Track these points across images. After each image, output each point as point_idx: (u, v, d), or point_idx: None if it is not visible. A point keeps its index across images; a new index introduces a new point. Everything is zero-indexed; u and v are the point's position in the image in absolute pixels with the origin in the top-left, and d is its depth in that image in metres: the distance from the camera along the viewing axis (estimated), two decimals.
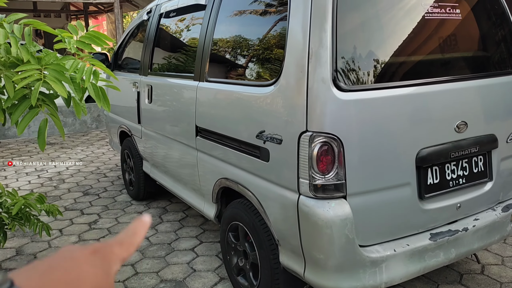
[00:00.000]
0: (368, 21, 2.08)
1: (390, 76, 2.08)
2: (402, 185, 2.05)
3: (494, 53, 2.53)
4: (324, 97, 1.86)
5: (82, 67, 1.46)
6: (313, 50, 1.89)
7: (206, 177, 2.84)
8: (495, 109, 2.35)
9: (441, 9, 2.21)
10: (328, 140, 1.86)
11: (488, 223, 2.30)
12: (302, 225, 1.98)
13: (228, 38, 2.67)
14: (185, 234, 3.55)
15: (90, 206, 4.25)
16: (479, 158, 2.28)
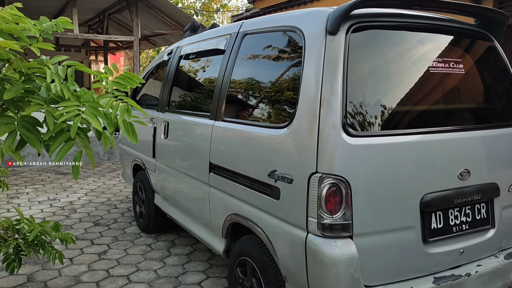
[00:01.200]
0: (376, 72, 2.24)
1: (396, 123, 2.21)
2: (406, 228, 2.13)
3: (497, 105, 2.66)
4: (334, 141, 1.99)
5: (117, 105, 1.61)
6: (325, 97, 2.04)
7: (217, 212, 2.94)
8: (497, 159, 2.45)
9: (445, 63, 2.36)
10: (336, 181, 1.98)
11: (491, 269, 2.35)
12: (309, 263, 2.06)
13: (244, 81, 2.84)
14: (192, 268, 3.61)
15: (100, 237, 4.34)
16: (481, 206, 2.37)
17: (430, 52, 2.37)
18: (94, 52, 17.39)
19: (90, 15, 13.09)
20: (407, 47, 2.36)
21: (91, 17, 13.42)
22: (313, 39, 2.18)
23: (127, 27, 13.08)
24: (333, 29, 2.08)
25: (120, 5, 11.25)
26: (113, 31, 13.67)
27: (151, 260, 3.76)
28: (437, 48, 2.43)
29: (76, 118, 1.50)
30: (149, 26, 12.20)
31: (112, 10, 11.99)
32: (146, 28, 12.18)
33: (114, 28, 13.78)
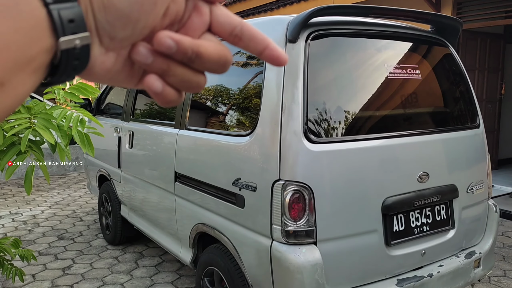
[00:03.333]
0: (337, 79, 2.27)
1: (357, 129, 2.25)
2: (369, 232, 2.16)
3: (454, 109, 2.75)
4: (296, 148, 2.00)
5: (70, 116, 1.57)
6: (286, 104, 2.05)
7: (183, 222, 2.90)
8: (455, 161, 2.53)
9: (404, 69, 2.43)
10: (299, 188, 1.99)
11: (452, 269, 2.41)
12: (274, 270, 2.06)
13: (208, 89, 2.82)
14: (161, 280, 3.54)
15: (64, 251, 4.20)
16: (441, 207, 2.43)
17: (389, 59, 2.43)
18: None
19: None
20: (367, 54, 2.41)
21: None
22: None
23: None
24: (293, 37, 2.10)
25: None
26: None
27: (118, 273, 3.67)
28: (396, 54, 2.49)
29: (27, 130, 1.45)
30: None
31: None
32: None
33: None
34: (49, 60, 0.33)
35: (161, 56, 0.37)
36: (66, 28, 0.32)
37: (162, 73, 0.37)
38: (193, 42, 0.37)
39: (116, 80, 0.39)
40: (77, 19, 0.33)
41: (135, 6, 0.34)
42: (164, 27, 0.37)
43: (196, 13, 0.39)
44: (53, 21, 0.32)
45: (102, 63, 0.36)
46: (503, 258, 3.93)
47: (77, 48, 0.33)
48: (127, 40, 0.36)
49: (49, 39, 0.32)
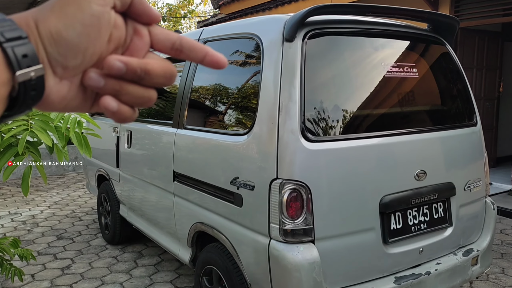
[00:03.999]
0: (334, 77, 2.28)
1: (355, 128, 2.25)
2: (367, 230, 2.17)
3: (451, 107, 2.76)
4: (293, 147, 2.01)
5: (67, 118, 1.57)
6: (283, 103, 2.05)
7: (182, 221, 2.91)
8: (452, 159, 2.54)
9: (401, 68, 2.43)
10: (297, 187, 1.99)
11: (450, 267, 2.42)
12: (272, 269, 2.07)
13: (206, 89, 2.83)
14: (160, 279, 3.55)
15: (63, 251, 4.21)
16: (438, 205, 2.44)
17: (386, 57, 2.43)
18: None
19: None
20: (364, 52, 2.41)
21: None
22: (271, 46, 2.20)
23: None
24: (290, 36, 2.11)
25: None
26: None
27: (117, 273, 3.67)
28: (393, 53, 2.50)
29: (25, 132, 1.46)
30: None
31: None
32: None
33: None
34: (7, 93, 0.36)
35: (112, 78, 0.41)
36: (21, 63, 0.36)
37: (115, 93, 0.41)
38: (140, 61, 0.41)
39: (72, 106, 0.42)
40: (30, 54, 0.36)
41: (82, 36, 0.38)
42: (110, 52, 0.41)
43: (137, 36, 0.43)
44: (8, 58, 0.35)
45: (58, 91, 0.39)
46: (501, 256, 3.94)
47: (32, 80, 0.36)
48: (78, 68, 0.40)
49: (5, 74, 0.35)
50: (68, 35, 0.38)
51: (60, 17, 0.38)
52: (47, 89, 0.38)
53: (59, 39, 0.37)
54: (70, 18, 0.38)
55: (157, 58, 0.43)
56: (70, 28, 0.38)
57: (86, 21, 0.38)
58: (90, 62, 0.40)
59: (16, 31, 0.36)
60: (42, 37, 0.37)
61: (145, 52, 0.43)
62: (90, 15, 0.38)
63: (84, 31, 0.38)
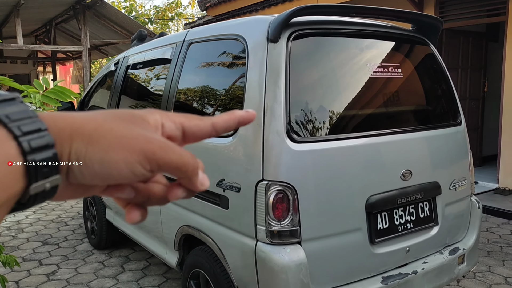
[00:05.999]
0: (319, 78, 2.27)
1: (340, 128, 2.25)
2: (353, 230, 2.17)
3: (436, 107, 2.77)
4: (279, 148, 2.00)
5: None
6: (268, 104, 2.04)
7: (168, 224, 2.88)
8: (437, 159, 2.55)
9: (386, 68, 2.44)
10: (283, 188, 1.98)
11: (437, 266, 2.43)
12: (259, 271, 2.05)
13: (191, 90, 2.81)
14: (147, 284, 3.51)
15: (49, 256, 4.14)
16: (424, 204, 2.45)
17: (371, 58, 2.44)
18: (42, 63, 16.73)
19: (36, 26, 12.60)
20: (349, 53, 2.41)
21: (37, 27, 12.91)
22: (255, 47, 2.19)
23: (76, 36, 12.69)
24: (274, 36, 2.10)
25: (67, 14, 10.90)
26: (62, 41, 13.22)
27: (103, 278, 3.62)
28: (378, 54, 2.50)
29: None
30: (99, 35, 11.89)
31: (59, 19, 11.60)
32: (96, 37, 11.86)
33: (63, 38, 13.32)
34: (16, 201, 0.34)
35: (142, 190, 0.41)
36: (39, 173, 0.33)
37: (142, 202, 0.41)
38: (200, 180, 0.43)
39: (77, 196, 0.40)
40: (51, 163, 0.34)
41: (115, 172, 0.36)
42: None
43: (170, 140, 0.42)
44: (29, 173, 0.33)
45: (61, 195, 0.38)
46: (488, 254, 3.98)
47: (46, 191, 0.34)
48: (93, 186, 0.39)
49: (20, 185, 0.33)
50: (103, 170, 0.36)
51: (101, 149, 0.36)
52: (56, 193, 0.36)
53: (88, 164, 0.36)
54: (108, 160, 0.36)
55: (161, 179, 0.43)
56: (105, 165, 0.36)
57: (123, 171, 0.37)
58: (112, 183, 0.38)
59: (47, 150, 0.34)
60: (71, 154, 0.35)
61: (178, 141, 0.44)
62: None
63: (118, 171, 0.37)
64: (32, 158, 0.33)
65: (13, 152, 0.32)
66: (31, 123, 0.34)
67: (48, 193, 0.35)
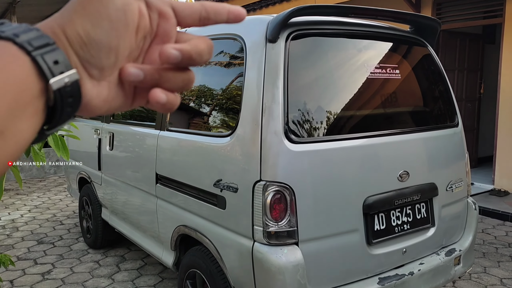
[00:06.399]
0: (317, 79, 2.27)
1: (338, 129, 2.25)
2: (351, 231, 2.17)
3: (433, 108, 2.78)
4: (277, 149, 1.99)
5: None
6: (266, 104, 2.04)
7: (165, 224, 2.86)
8: (434, 160, 2.56)
9: (384, 69, 2.44)
10: (280, 189, 1.98)
11: (433, 267, 2.43)
12: (256, 272, 2.05)
13: (189, 90, 2.80)
14: (143, 283, 3.49)
15: (44, 256, 4.11)
16: (421, 205, 2.45)
17: (369, 59, 2.44)
18: None
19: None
20: (347, 54, 2.41)
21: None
22: (254, 47, 2.18)
23: None
24: (273, 36, 2.09)
25: None
26: None
27: (99, 278, 3.61)
28: (376, 54, 2.50)
29: None
30: None
31: None
32: None
33: None
34: (44, 104, 0.35)
35: (150, 69, 0.39)
36: (53, 70, 0.34)
37: (156, 83, 0.40)
38: (191, 45, 0.40)
39: (115, 107, 0.41)
40: (61, 60, 0.35)
41: (111, 32, 0.37)
42: (138, 43, 0.39)
43: (162, 19, 0.40)
44: (39, 66, 0.34)
45: (98, 95, 0.38)
46: (483, 255, 3.99)
47: (67, 86, 0.35)
48: (114, 66, 0.38)
49: (38, 84, 0.34)
50: (97, 34, 0.36)
51: (84, 17, 0.36)
52: (87, 94, 0.37)
53: (89, 40, 0.36)
54: (95, 16, 0.36)
55: (195, 37, 0.41)
56: (97, 27, 0.36)
57: (112, 16, 0.37)
58: (123, 58, 0.39)
59: (43, 38, 0.34)
60: (71, 41, 0.36)
61: (174, 33, 0.41)
62: (115, 10, 0.37)
63: (112, 27, 0.37)
64: (36, 53, 0.33)
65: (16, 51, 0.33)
66: (24, 27, 0.35)
67: (74, 92, 0.35)
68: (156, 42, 0.40)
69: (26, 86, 0.33)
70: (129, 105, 0.42)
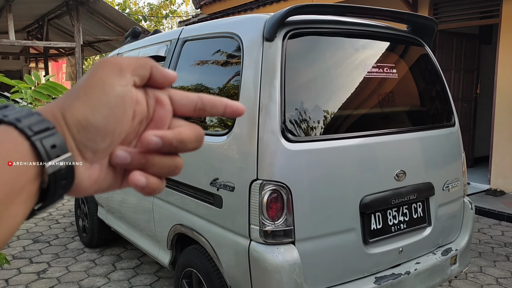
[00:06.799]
0: (315, 78, 2.27)
1: (335, 128, 2.25)
2: (347, 231, 2.16)
3: (430, 108, 2.78)
4: (274, 148, 1.99)
5: None
6: (263, 103, 2.03)
7: (161, 223, 2.85)
8: (431, 160, 2.56)
9: (381, 69, 2.44)
10: (277, 188, 1.97)
11: (429, 266, 2.44)
12: (253, 271, 2.04)
13: (185, 88, 2.79)
14: (139, 282, 3.48)
15: (39, 254, 4.09)
16: (418, 205, 2.45)
17: (366, 58, 2.44)
18: (34, 59, 16.57)
19: (29, 21, 12.48)
20: (344, 53, 2.41)
21: (30, 23, 12.79)
22: (251, 45, 2.18)
23: (69, 33, 12.58)
24: (270, 35, 2.09)
25: (60, 10, 10.80)
26: (54, 37, 13.10)
27: (94, 277, 3.59)
28: (373, 54, 2.50)
29: None
30: (92, 32, 11.80)
31: (52, 15, 11.50)
32: (89, 34, 11.77)
33: (55, 34, 13.21)
34: (38, 187, 0.36)
35: (138, 152, 0.41)
36: (50, 154, 0.35)
37: (142, 167, 0.41)
38: (174, 132, 0.41)
39: (104, 187, 0.42)
40: (58, 144, 0.36)
41: (109, 118, 0.38)
42: (135, 127, 0.41)
43: (159, 105, 0.42)
44: (37, 151, 0.35)
45: (89, 176, 0.39)
46: (479, 255, 4.00)
47: (62, 169, 0.36)
48: (108, 149, 0.40)
49: (34, 168, 0.35)
50: (96, 120, 0.38)
51: (85, 103, 0.38)
52: (79, 175, 0.38)
53: (87, 125, 0.38)
54: (96, 102, 0.38)
55: (185, 124, 0.43)
56: (97, 113, 0.38)
57: (111, 103, 0.38)
58: (118, 142, 0.40)
59: (43, 123, 0.36)
60: (69, 126, 0.37)
61: (169, 120, 0.43)
62: (115, 97, 0.38)
63: (110, 113, 0.38)
64: (36, 138, 0.35)
65: (16, 136, 0.35)
66: (27, 112, 0.37)
67: (67, 174, 0.37)
68: (151, 126, 0.42)
69: (23, 170, 0.34)
70: (118, 186, 0.43)
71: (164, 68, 0.43)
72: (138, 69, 0.41)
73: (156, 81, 0.42)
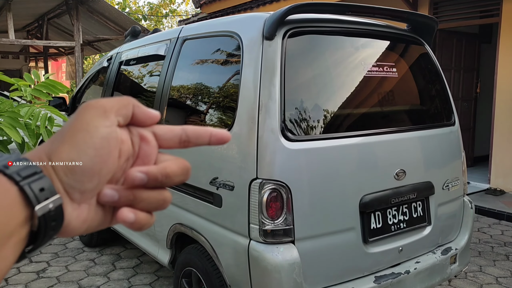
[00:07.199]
0: (314, 77, 2.26)
1: (335, 127, 2.24)
2: (347, 230, 2.16)
3: (430, 107, 2.78)
4: (273, 147, 1.98)
5: (37, 114, 1.51)
6: (263, 102, 2.03)
7: (161, 222, 2.85)
8: (431, 159, 2.55)
9: (381, 67, 2.43)
10: (277, 187, 1.97)
11: (429, 265, 2.43)
12: (252, 270, 2.04)
13: (185, 87, 2.78)
14: (139, 282, 3.48)
15: (39, 254, 4.09)
16: (418, 204, 2.45)
17: (366, 57, 2.43)
18: (34, 59, 16.56)
19: (29, 20, 12.47)
20: (344, 52, 2.41)
21: (29, 22, 12.78)
22: (251, 44, 2.17)
23: (69, 32, 12.57)
24: (270, 34, 2.08)
25: (60, 9, 10.79)
26: (54, 36, 13.09)
27: (94, 276, 3.59)
28: (373, 53, 2.50)
29: None
30: (92, 31, 11.79)
31: (51, 14, 11.49)
32: (89, 33, 11.76)
33: (55, 33, 13.20)
34: (28, 230, 0.37)
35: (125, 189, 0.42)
36: (39, 197, 0.36)
37: (130, 203, 0.42)
38: (159, 167, 0.42)
39: (93, 226, 0.42)
40: (46, 187, 0.37)
41: (95, 159, 0.39)
42: (121, 166, 0.42)
43: (143, 142, 0.43)
44: (26, 195, 0.36)
45: (78, 216, 0.40)
46: (479, 254, 4.00)
47: (51, 211, 0.37)
48: (95, 189, 0.40)
49: (24, 212, 0.36)
50: (82, 162, 0.39)
51: (71, 145, 0.39)
52: (67, 216, 0.39)
53: (74, 167, 0.39)
54: (81, 145, 0.39)
55: (171, 158, 0.44)
56: (83, 155, 0.39)
57: (97, 144, 0.39)
58: (105, 181, 0.41)
59: (31, 168, 0.37)
60: (56, 169, 0.38)
61: (155, 155, 0.44)
62: (100, 139, 0.39)
63: (96, 154, 0.39)
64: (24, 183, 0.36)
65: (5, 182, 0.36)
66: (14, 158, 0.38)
67: (57, 216, 0.37)
68: (137, 163, 0.43)
69: (13, 215, 0.35)
70: (107, 223, 0.44)
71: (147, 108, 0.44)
72: (121, 109, 0.42)
73: (139, 119, 0.43)
